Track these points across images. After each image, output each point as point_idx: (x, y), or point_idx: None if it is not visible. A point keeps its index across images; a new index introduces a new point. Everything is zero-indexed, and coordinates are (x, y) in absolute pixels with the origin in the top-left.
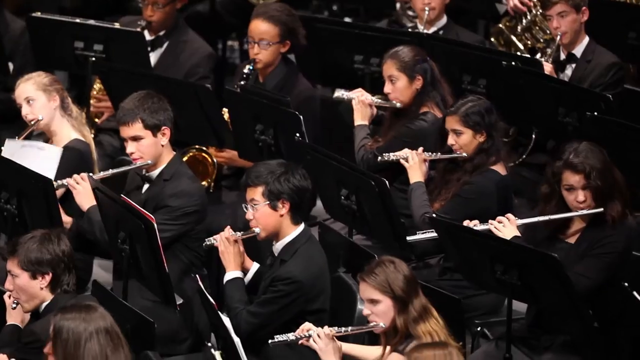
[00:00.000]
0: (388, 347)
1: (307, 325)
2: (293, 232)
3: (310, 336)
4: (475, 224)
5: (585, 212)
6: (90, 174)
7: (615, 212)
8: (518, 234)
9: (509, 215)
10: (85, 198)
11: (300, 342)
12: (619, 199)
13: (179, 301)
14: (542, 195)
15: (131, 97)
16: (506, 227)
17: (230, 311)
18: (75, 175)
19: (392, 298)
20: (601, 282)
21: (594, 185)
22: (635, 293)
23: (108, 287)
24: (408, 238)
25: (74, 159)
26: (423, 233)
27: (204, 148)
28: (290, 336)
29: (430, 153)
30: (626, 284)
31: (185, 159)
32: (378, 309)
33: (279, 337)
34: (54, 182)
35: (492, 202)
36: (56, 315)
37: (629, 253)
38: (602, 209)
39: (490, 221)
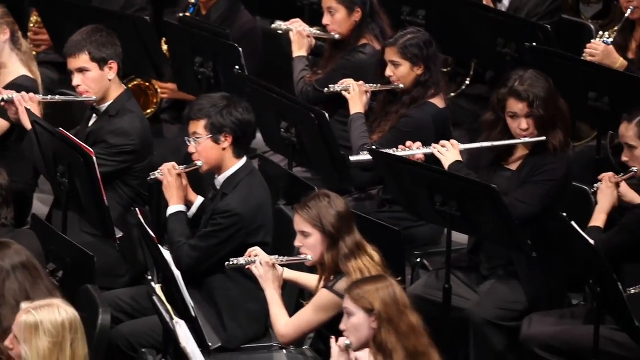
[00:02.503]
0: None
1: (254, 250)
2: (235, 165)
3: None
4: (418, 147)
5: (528, 140)
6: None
7: (557, 141)
8: (460, 158)
9: (452, 140)
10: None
11: (247, 267)
12: (561, 128)
13: (119, 235)
14: (486, 122)
15: (80, 31)
16: (449, 152)
17: (172, 245)
18: (24, 94)
19: (322, 232)
20: (539, 209)
21: (537, 114)
22: (573, 223)
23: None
24: (351, 158)
25: None
26: (366, 154)
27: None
28: (241, 260)
29: (370, 84)
30: (565, 214)
31: (130, 86)
32: (308, 242)
33: (233, 260)
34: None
35: (430, 135)
36: None
37: (568, 182)
38: (544, 138)
39: (433, 145)
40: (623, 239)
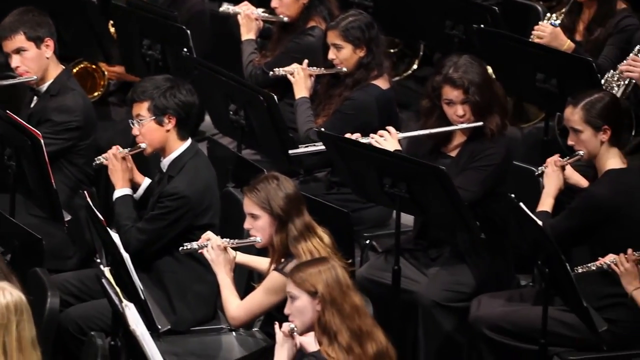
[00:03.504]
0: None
1: (207, 234)
2: (180, 147)
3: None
4: (357, 137)
5: (465, 125)
6: None
7: (494, 126)
8: (399, 147)
9: (390, 128)
10: None
11: (199, 251)
12: (498, 112)
13: (67, 217)
14: (423, 110)
15: (11, 13)
16: (387, 141)
17: (119, 229)
18: None
19: (270, 215)
20: (480, 195)
21: (473, 100)
22: (521, 204)
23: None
24: (290, 152)
25: None
26: (306, 146)
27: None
28: (194, 245)
29: (314, 68)
30: (512, 195)
31: (76, 70)
32: (257, 224)
33: (187, 245)
34: None
35: (373, 116)
36: None
37: (508, 164)
38: (481, 123)
39: (371, 135)
40: (572, 223)
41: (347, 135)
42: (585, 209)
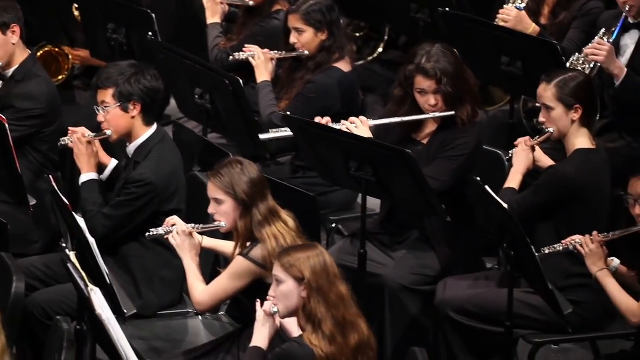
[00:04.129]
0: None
1: (172, 219)
2: (145, 133)
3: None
4: (327, 122)
5: (437, 114)
6: None
7: (465, 115)
8: (370, 135)
9: (362, 117)
10: None
11: (165, 237)
12: (469, 101)
13: (32, 202)
14: (395, 98)
15: None
16: (359, 129)
17: (85, 214)
18: None
19: (234, 199)
20: (451, 184)
21: (445, 90)
22: (487, 187)
23: None
24: (261, 136)
25: None
26: (277, 131)
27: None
28: (160, 230)
29: (275, 51)
30: (478, 178)
31: (40, 54)
32: (221, 209)
33: (153, 231)
34: None
35: (335, 99)
36: None
37: (478, 153)
38: (453, 112)
39: (342, 122)
40: (537, 199)
41: (318, 120)
42: (552, 186)
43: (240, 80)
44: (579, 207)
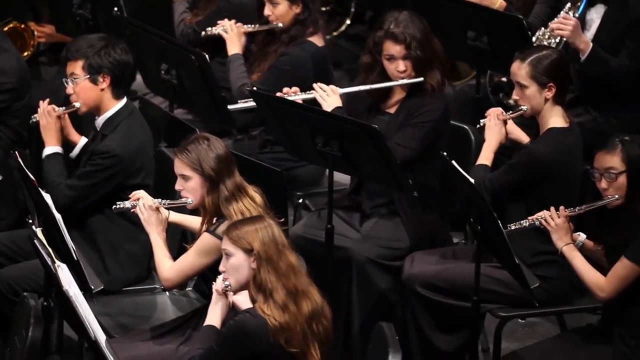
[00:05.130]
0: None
1: (138, 193)
2: (114, 106)
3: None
4: (295, 91)
5: (405, 81)
6: None
7: (434, 82)
8: (340, 104)
9: (332, 86)
10: None
11: (132, 210)
12: (438, 68)
13: None
14: (363, 65)
15: None
16: (330, 97)
17: (48, 185)
18: None
19: (201, 176)
20: (419, 151)
21: (414, 55)
22: (454, 162)
23: None
24: (229, 106)
25: None
26: (245, 102)
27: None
28: (127, 204)
29: (248, 25)
30: (445, 153)
31: (5, 29)
32: (188, 185)
33: (119, 204)
34: None
35: (309, 73)
36: None
37: (446, 121)
38: (422, 79)
39: (314, 87)
40: (510, 178)
41: (286, 89)
42: (524, 165)
43: (206, 56)
44: (552, 186)
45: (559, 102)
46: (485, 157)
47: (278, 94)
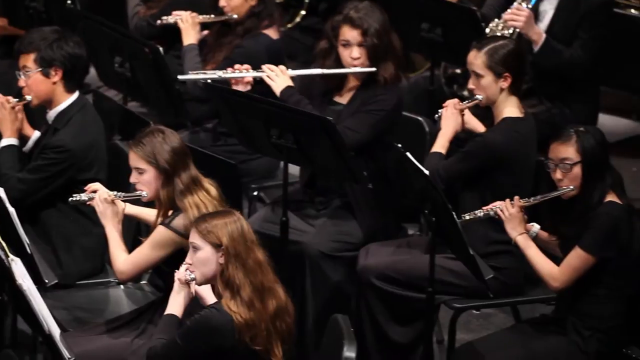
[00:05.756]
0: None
1: (94, 185)
2: (67, 100)
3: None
4: (247, 68)
5: (359, 69)
6: None
7: (388, 74)
8: (291, 84)
9: (281, 66)
10: None
11: (88, 202)
12: (392, 62)
13: None
14: (319, 50)
15: None
16: (279, 77)
17: (1, 177)
18: None
19: (156, 169)
20: (368, 138)
21: (370, 43)
22: (408, 154)
23: None
24: (179, 77)
25: None
26: (196, 73)
27: None
28: (83, 196)
29: (203, 15)
30: (399, 145)
31: None
32: (143, 179)
33: (75, 197)
34: None
35: (260, 65)
36: None
37: (398, 113)
38: (375, 69)
39: (263, 67)
40: (464, 166)
41: (238, 66)
42: (478, 154)
43: (161, 49)
44: (505, 175)
45: (514, 92)
46: (441, 145)
47: (229, 70)
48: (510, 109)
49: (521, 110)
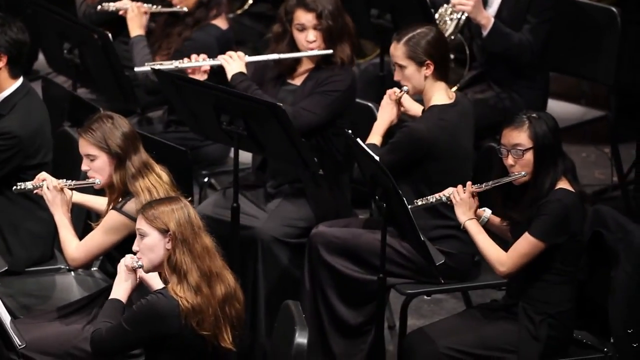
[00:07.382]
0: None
1: (42, 175)
2: (11, 86)
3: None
4: (204, 58)
5: (315, 52)
6: None
7: (344, 55)
8: (244, 70)
9: (239, 52)
10: None
11: (35, 191)
12: (348, 42)
13: None
14: (274, 34)
15: None
16: (234, 62)
17: None
18: None
19: (108, 154)
20: (324, 119)
21: (325, 25)
22: (358, 140)
23: None
24: (136, 68)
25: None
26: (153, 64)
27: None
28: (28, 185)
29: (150, 5)
30: (350, 130)
31: None
32: (95, 165)
33: (20, 185)
34: None
35: (214, 56)
36: None
37: (353, 95)
38: (331, 51)
39: (219, 57)
40: (393, 156)
41: (194, 56)
42: (404, 145)
43: (109, 35)
44: (434, 164)
45: (440, 78)
46: (374, 136)
47: (185, 60)
48: (437, 96)
49: (450, 95)
